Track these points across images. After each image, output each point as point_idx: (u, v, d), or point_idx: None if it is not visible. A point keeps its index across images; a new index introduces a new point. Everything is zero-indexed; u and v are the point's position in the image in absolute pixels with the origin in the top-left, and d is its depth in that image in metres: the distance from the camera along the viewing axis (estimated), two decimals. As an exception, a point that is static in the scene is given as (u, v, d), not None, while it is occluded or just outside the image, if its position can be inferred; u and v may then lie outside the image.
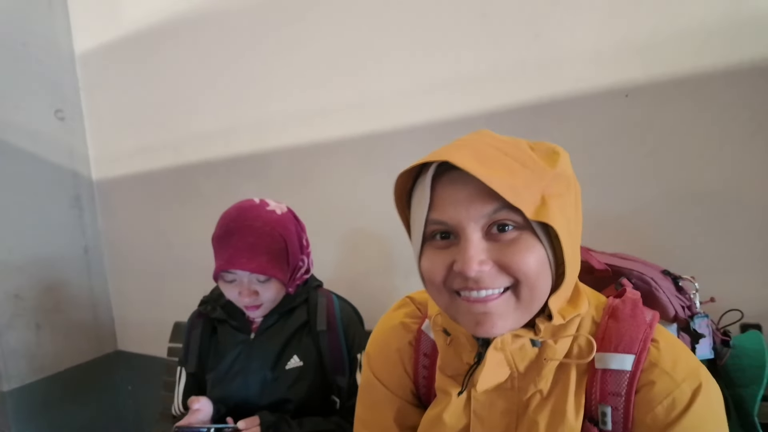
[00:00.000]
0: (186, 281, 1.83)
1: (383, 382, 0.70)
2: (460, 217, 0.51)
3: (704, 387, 0.53)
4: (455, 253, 0.52)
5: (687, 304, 0.71)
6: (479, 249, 0.50)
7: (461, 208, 0.51)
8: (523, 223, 0.50)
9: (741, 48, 0.91)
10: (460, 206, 0.51)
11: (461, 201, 0.51)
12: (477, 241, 0.50)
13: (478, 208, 0.50)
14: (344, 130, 1.42)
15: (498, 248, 0.51)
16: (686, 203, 0.98)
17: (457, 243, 0.52)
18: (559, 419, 0.55)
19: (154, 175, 1.87)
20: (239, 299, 0.96)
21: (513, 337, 0.54)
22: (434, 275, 0.54)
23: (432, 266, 0.54)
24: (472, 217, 0.50)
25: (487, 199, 0.50)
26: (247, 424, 0.89)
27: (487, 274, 0.50)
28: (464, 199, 0.51)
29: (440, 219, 0.52)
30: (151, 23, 1.78)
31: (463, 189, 0.51)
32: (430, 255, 0.54)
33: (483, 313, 0.51)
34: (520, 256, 0.50)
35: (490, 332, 0.52)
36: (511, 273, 0.50)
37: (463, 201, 0.51)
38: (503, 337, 0.54)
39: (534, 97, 1.14)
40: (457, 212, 0.51)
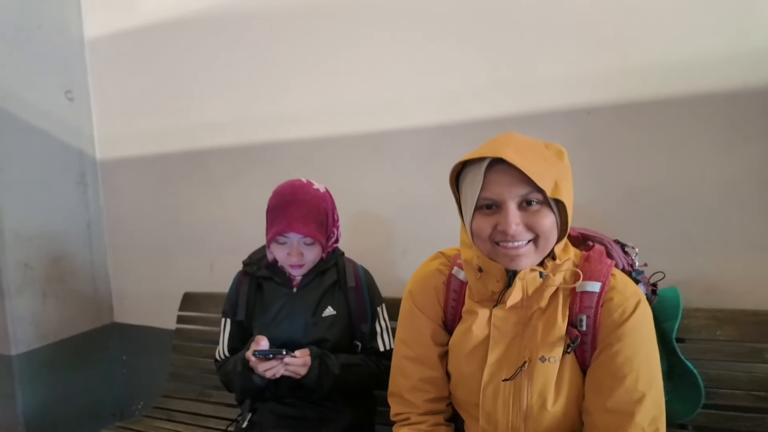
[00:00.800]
0: (194, 256, 2.00)
1: (422, 310, 0.97)
2: (504, 195, 0.78)
3: (642, 302, 0.84)
4: (498, 218, 0.79)
5: (630, 263, 1.03)
6: (516, 215, 0.78)
7: (504, 189, 0.78)
8: (543, 199, 0.79)
9: (673, 82, 1.25)
10: (504, 188, 0.78)
11: (505, 184, 0.78)
12: (514, 211, 0.78)
13: (516, 189, 0.78)
14: (353, 128, 1.66)
15: (527, 216, 0.79)
16: (629, 197, 1.31)
17: (500, 212, 0.80)
18: (551, 324, 0.84)
19: (164, 157, 2.02)
20: (287, 258, 1.19)
21: (530, 271, 0.83)
22: (483, 231, 0.81)
23: (482, 225, 0.81)
24: (512, 195, 0.78)
25: (522, 184, 0.77)
26: (302, 353, 1.13)
27: (519, 232, 0.78)
28: (507, 183, 0.78)
29: (490, 196, 0.80)
30: (169, 16, 1.93)
31: (505, 176, 0.78)
32: (479, 219, 0.82)
33: (516, 255, 0.80)
34: (541, 220, 0.79)
35: (519, 266, 0.81)
36: (534, 231, 0.79)
37: (506, 184, 0.78)
38: (525, 271, 0.82)
39: (514, 111, 1.44)
40: (501, 192, 0.78)
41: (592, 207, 1.33)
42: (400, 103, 1.57)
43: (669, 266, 1.13)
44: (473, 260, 0.87)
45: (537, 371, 0.84)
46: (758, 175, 1.18)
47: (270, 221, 1.19)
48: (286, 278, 1.27)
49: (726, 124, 1.20)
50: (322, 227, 1.19)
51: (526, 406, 0.86)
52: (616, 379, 0.81)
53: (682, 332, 1.18)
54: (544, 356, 0.84)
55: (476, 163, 0.81)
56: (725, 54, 1.19)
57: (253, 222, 1.73)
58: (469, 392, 0.92)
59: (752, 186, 1.19)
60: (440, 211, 1.49)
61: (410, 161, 1.58)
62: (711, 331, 1.18)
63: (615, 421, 0.80)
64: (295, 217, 1.14)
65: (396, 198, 1.62)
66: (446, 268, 0.98)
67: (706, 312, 1.19)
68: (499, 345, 0.88)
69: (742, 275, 1.22)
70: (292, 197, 1.16)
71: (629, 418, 0.79)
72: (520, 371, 0.85)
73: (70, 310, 2.04)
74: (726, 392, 1.15)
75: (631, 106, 1.29)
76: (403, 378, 0.99)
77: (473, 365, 0.90)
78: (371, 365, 1.22)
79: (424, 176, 1.56)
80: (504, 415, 0.87)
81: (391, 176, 1.62)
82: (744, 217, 1.20)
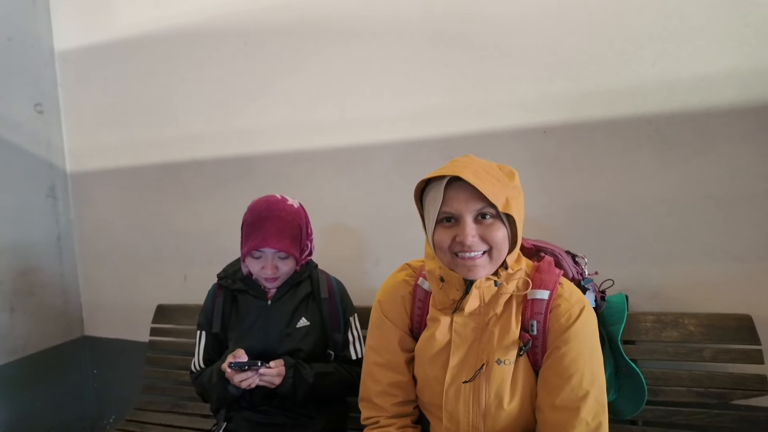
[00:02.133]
0: (167, 268, 2.02)
1: (390, 319, 1.04)
2: (462, 209, 0.87)
3: (586, 308, 0.93)
4: (457, 230, 0.88)
5: (580, 271, 1.12)
6: (472, 228, 0.87)
7: (462, 204, 0.87)
8: (496, 214, 0.88)
9: (619, 105, 1.36)
10: (462, 203, 0.87)
11: (462, 200, 0.87)
12: (470, 223, 0.87)
13: (472, 204, 0.87)
14: (326, 142, 1.72)
15: (482, 228, 0.88)
16: (582, 211, 1.41)
17: (458, 224, 0.88)
18: (506, 330, 0.92)
19: (138, 170, 2.03)
20: (261, 272, 1.24)
21: (486, 280, 0.91)
22: (443, 243, 0.90)
23: (442, 238, 0.90)
24: (469, 209, 0.87)
25: (477, 200, 0.86)
26: (277, 364, 1.18)
27: (475, 243, 0.87)
28: (464, 199, 0.87)
29: (449, 210, 0.88)
30: (144, 31, 1.96)
31: (463, 193, 0.87)
32: (440, 232, 0.90)
33: (472, 265, 0.88)
34: (494, 233, 0.88)
35: (476, 276, 0.89)
36: (488, 242, 0.88)
37: (464, 200, 0.87)
38: (480, 280, 0.91)
39: (476, 129, 1.53)
40: (459, 206, 0.87)
41: (547, 219, 1.43)
42: (370, 119, 1.65)
43: (618, 274, 1.24)
44: (436, 271, 0.95)
45: (494, 373, 0.92)
46: (696, 190, 1.30)
47: (245, 236, 1.24)
48: (260, 291, 1.31)
49: (666, 144, 1.32)
50: (296, 241, 1.24)
51: (484, 406, 0.93)
52: (563, 379, 0.89)
53: (630, 335, 1.29)
54: (500, 359, 0.92)
55: (437, 181, 0.90)
56: (665, 80, 1.31)
57: (228, 234, 1.77)
58: (433, 394, 0.99)
59: (691, 200, 1.31)
60: (410, 223, 1.56)
61: (381, 175, 1.65)
62: (656, 333, 1.28)
63: (563, 417, 0.88)
64: (270, 233, 1.19)
65: (367, 210, 1.69)
66: (412, 278, 1.05)
67: (652, 316, 1.30)
68: (460, 349, 0.95)
69: (684, 281, 1.33)
70: (267, 213, 1.21)
71: (575, 413, 0.87)
72: (478, 373, 0.93)
73: (39, 324, 2.02)
74: (670, 389, 1.25)
75: (582, 127, 1.40)
76: (372, 383, 1.05)
77: (437, 369, 0.98)
78: (344, 373, 1.28)
79: (394, 190, 1.64)
80: (465, 414, 0.95)
81: (363, 190, 1.69)
82: (685, 228, 1.32)
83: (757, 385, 1.19)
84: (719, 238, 1.29)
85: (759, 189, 1.25)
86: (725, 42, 1.26)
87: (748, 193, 1.26)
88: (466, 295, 0.92)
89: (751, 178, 1.25)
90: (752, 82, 1.24)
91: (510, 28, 1.46)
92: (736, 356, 1.22)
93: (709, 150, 1.28)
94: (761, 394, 1.19)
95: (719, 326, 1.23)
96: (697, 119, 1.29)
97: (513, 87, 1.47)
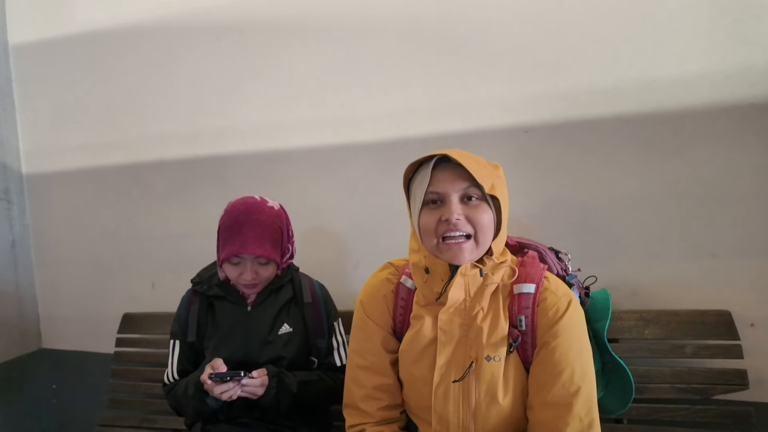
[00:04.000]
0: (134, 275, 1.91)
1: (373, 319, 1.01)
2: (448, 188, 0.87)
3: (573, 301, 0.92)
4: (443, 211, 0.87)
5: (564, 268, 1.11)
6: (458, 206, 0.87)
7: (448, 184, 0.87)
8: (481, 196, 0.88)
9: (598, 105, 1.37)
10: (448, 183, 0.87)
11: (449, 180, 0.87)
12: (456, 203, 0.87)
13: (458, 184, 0.87)
14: (304, 142, 1.67)
15: (467, 209, 0.88)
16: (563, 209, 1.42)
17: (444, 205, 0.88)
18: (495, 325, 0.91)
19: (101, 171, 1.92)
20: (240, 278, 1.17)
21: (471, 267, 0.89)
22: (429, 225, 0.88)
23: (428, 219, 0.89)
24: (455, 189, 0.87)
25: (464, 180, 0.87)
26: (259, 373, 1.11)
27: (461, 222, 0.86)
28: (450, 179, 0.87)
29: (436, 190, 0.88)
30: (108, 26, 1.86)
31: (450, 173, 0.88)
32: (426, 213, 0.89)
33: (458, 249, 0.87)
34: (480, 214, 0.87)
35: (461, 260, 0.88)
36: (473, 223, 0.87)
37: (450, 180, 0.87)
38: (466, 267, 0.89)
39: (458, 129, 1.51)
40: (446, 186, 0.88)
41: (530, 218, 1.42)
42: (349, 119, 1.61)
43: (599, 272, 1.24)
44: (421, 262, 0.92)
45: (484, 370, 0.90)
46: (675, 189, 1.32)
47: (222, 241, 1.17)
48: (239, 296, 1.25)
49: (644, 143, 1.33)
50: (277, 245, 1.19)
51: (474, 405, 0.91)
52: (553, 375, 0.87)
53: (613, 333, 1.29)
54: (490, 355, 0.90)
55: (425, 165, 0.90)
56: (641, 81, 1.32)
57: (200, 238, 1.70)
58: (420, 396, 0.95)
59: (670, 199, 1.32)
60: (391, 224, 1.54)
61: (361, 176, 1.61)
62: (639, 330, 1.29)
63: (555, 414, 0.86)
64: (250, 238, 1.13)
65: (347, 212, 1.64)
66: (395, 277, 1.03)
67: (634, 313, 1.31)
68: (447, 347, 0.92)
69: (665, 279, 1.35)
70: (246, 216, 1.15)
71: (568, 409, 0.85)
72: (468, 371, 0.90)
73: (-9, 337, 1.88)
74: (654, 386, 1.26)
75: (562, 126, 1.40)
76: (357, 387, 1.01)
77: (423, 369, 0.94)
78: (328, 381, 1.22)
79: (375, 190, 1.60)
80: (455, 415, 0.92)
81: (342, 191, 1.64)
82: (664, 226, 1.33)
83: (737, 379, 1.21)
84: (696, 236, 1.31)
85: (733, 187, 1.28)
86: (698, 44, 1.29)
87: (723, 192, 1.28)
88: (450, 281, 0.90)
89: (725, 177, 1.28)
90: (724, 83, 1.28)
91: (490, 28, 1.45)
92: (717, 352, 1.24)
93: (685, 149, 1.31)
94: (741, 388, 1.21)
95: (699, 322, 1.25)
96: (673, 119, 1.31)
97: (493, 87, 1.46)
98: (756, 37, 1.24)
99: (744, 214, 1.27)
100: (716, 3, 1.26)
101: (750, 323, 1.27)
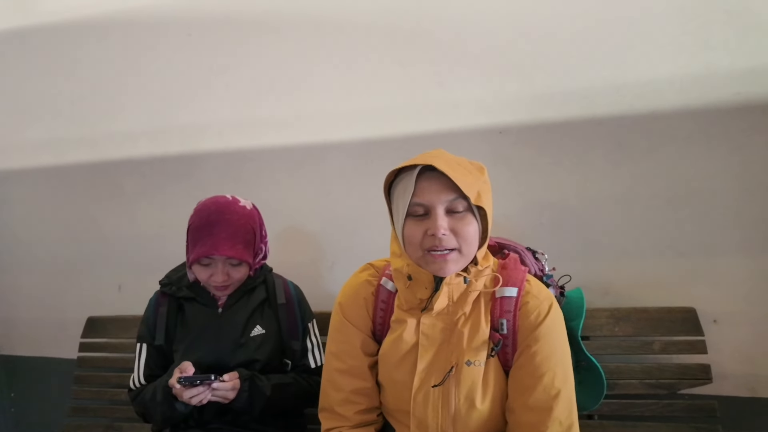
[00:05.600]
0: (99, 277, 1.84)
1: (352, 322, 0.99)
2: (433, 200, 0.84)
3: (554, 305, 0.92)
4: (428, 224, 0.84)
5: (541, 268, 1.12)
6: (444, 220, 0.84)
7: (434, 195, 0.84)
8: (467, 206, 0.85)
9: (572, 107, 1.39)
10: (433, 194, 0.84)
11: (434, 191, 0.84)
12: (442, 216, 0.84)
13: (444, 195, 0.84)
14: (278, 140, 1.64)
15: (453, 221, 0.85)
16: (538, 209, 1.43)
17: (429, 217, 0.85)
18: (476, 329, 0.90)
19: (64, 169, 1.85)
20: (210, 280, 1.14)
21: (456, 276, 0.88)
22: (414, 237, 0.85)
23: (413, 232, 0.86)
24: (441, 200, 0.84)
25: (449, 191, 0.83)
26: (230, 377, 1.08)
27: (447, 237, 0.83)
28: (436, 190, 0.84)
29: (420, 202, 0.85)
30: (73, 17, 1.79)
31: (436, 183, 0.84)
32: (411, 226, 0.86)
33: (443, 262, 0.85)
34: (466, 227, 0.85)
35: (447, 273, 0.86)
36: (458, 237, 0.84)
37: (435, 191, 0.84)
38: (451, 276, 0.87)
39: (434, 129, 1.51)
40: (431, 197, 0.84)
41: (506, 218, 1.43)
42: (324, 117, 1.59)
43: (573, 271, 1.26)
44: (403, 269, 0.91)
45: (464, 375, 0.89)
46: (644, 189, 1.35)
47: (192, 241, 1.13)
48: (210, 298, 1.21)
49: (616, 145, 1.36)
50: (250, 246, 1.16)
51: (454, 410, 0.90)
52: (535, 378, 0.88)
53: (586, 331, 1.31)
54: (470, 360, 0.89)
55: (408, 172, 0.87)
56: (613, 83, 1.35)
57: (168, 239, 1.65)
58: (399, 400, 0.94)
59: (642, 199, 1.35)
60: (367, 224, 1.52)
61: (335, 175, 1.59)
62: (610, 328, 1.32)
63: (536, 418, 0.87)
64: (221, 238, 1.10)
65: (322, 212, 1.62)
66: (375, 279, 1.01)
67: (605, 311, 1.33)
68: (428, 352, 0.92)
69: (635, 277, 1.37)
70: (217, 216, 1.12)
71: (548, 413, 0.86)
72: (448, 376, 0.89)
73: (-57, 344, 1.77)
74: (624, 382, 1.29)
75: (537, 128, 1.41)
76: (334, 391, 0.99)
77: (404, 373, 0.93)
78: (303, 383, 1.20)
79: (351, 190, 1.58)
80: (434, 420, 0.91)
81: (318, 190, 1.62)
82: (635, 226, 1.36)
83: (701, 374, 1.25)
84: (666, 235, 1.34)
85: (700, 188, 1.31)
86: (666, 49, 1.32)
87: (690, 192, 1.32)
88: (436, 293, 0.89)
89: (692, 178, 1.32)
90: (690, 87, 1.31)
91: (465, 28, 1.46)
92: (683, 347, 1.27)
93: (655, 151, 1.34)
94: (705, 382, 1.25)
95: (667, 319, 1.29)
96: (644, 121, 1.34)
97: (469, 87, 1.47)
98: (720, 42, 1.28)
99: (709, 214, 1.31)
100: (683, 9, 1.30)
101: (713, 319, 1.31)
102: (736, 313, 1.31)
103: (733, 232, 1.30)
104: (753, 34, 1.27)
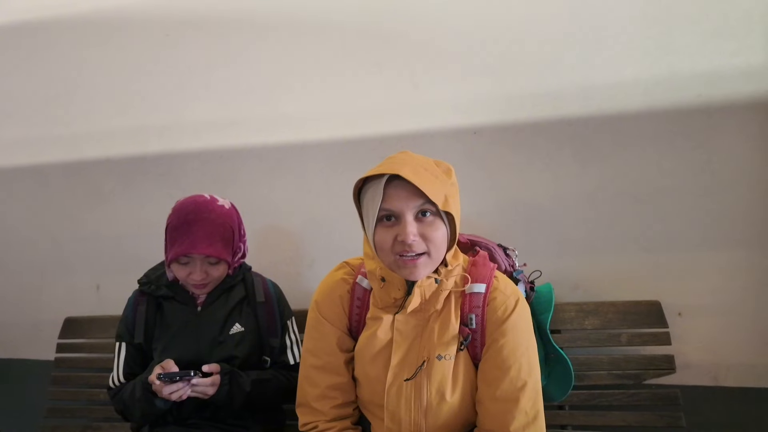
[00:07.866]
0: (77, 277, 1.83)
1: (328, 319, 1.01)
2: (402, 207, 0.86)
3: (521, 300, 0.96)
4: (398, 229, 0.87)
5: (512, 263, 1.16)
6: (413, 226, 0.86)
7: (402, 202, 0.86)
8: (435, 211, 0.88)
9: (543, 108, 1.43)
10: (402, 201, 0.86)
11: (403, 197, 0.86)
12: (411, 222, 0.86)
13: (412, 202, 0.86)
14: (255, 140, 1.66)
15: (422, 226, 0.87)
16: (510, 207, 1.48)
17: (399, 223, 0.87)
18: (446, 325, 0.93)
19: (40, 168, 1.83)
20: (189, 278, 1.15)
21: (427, 278, 0.91)
22: (385, 243, 0.88)
23: (383, 238, 0.88)
24: (409, 207, 0.86)
25: (417, 197, 0.85)
26: (211, 369, 1.10)
27: (417, 242, 0.86)
28: (404, 197, 0.86)
29: (389, 208, 0.87)
30: (48, 15, 1.78)
31: (403, 190, 0.86)
32: (381, 231, 0.89)
33: (414, 266, 0.88)
34: (434, 232, 0.87)
35: (417, 277, 0.89)
36: (427, 242, 0.87)
37: (404, 198, 0.86)
38: (422, 279, 0.90)
39: (409, 129, 1.54)
40: (400, 204, 0.86)
41: (479, 216, 1.48)
42: (302, 117, 1.61)
43: (544, 267, 1.30)
44: (376, 271, 0.93)
45: (435, 369, 0.92)
46: (612, 187, 1.40)
47: (170, 240, 1.14)
48: (188, 297, 1.22)
49: (585, 144, 1.41)
50: (228, 245, 1.17)
51: (426, 403, 0.93)
52: (502, 371, 0.91)
53: (556, 324, 1.36)
54: (441, 354, 0.93)
55: (376, 179, 0.88)
56: (582, 85, 1.40)
57: (146, 239, 1.65)
58: (374, 394, 0.97)
59: (609, 196, 1.41)
60: (346, 222, 1.55)
61: (314, 174, 1.62)
62: (579, 321, 1.37)
63: (503, 408, 0.90)
64: (199, 237, 1.11)
65: (301, 210, 1.64)
66: (351, 277, 1.03)
67: (575, 305, 1.38)
68: (401, 347, 0.95)
69: (603, 272, 1.43)
70: (195, 215, 1.13)
71: (515, 404, 0.90)
72: (419, 370, 0.93)
73: None
74: (593, 373, 1.34)
75: (509, 128, 1.46)
76: (311, 387, 1.02)
77: (378, 368, 0.96)
78: (282, 379, 1.22)
79: (329, 189, 1.60)
80: (407, 413, 0.94)
81: (296, 189, 1.64)
82: (602, 223, 1.42)
83: (665, 364, 1.30)
84: (632, 231, 1.40)
85: (663, 185, 1.37)
86: (631, 51, 1.38)
87: (655, 189, 1.38)
88: (409, 296, 0.92)
89: (656, 176, 1.38)
90: (654, 89, 1.37)
91: (440, 30, 1.49)
92: (648, 339, 1.33)
93: (621, 150, 1.39)
94: (669, 372, 1.30)
95: (633, 312, 1.34)
96: (611, 122, 1.39)
97: (444, 88, 1.50)
98: (681, 47, 1.34)
99: (672, 210, 1.37)
100: (647, 14, 1.36)
101: (678, 312, 1.37)
102: (699, 306, 1.38)
103: (696, 228, 1.36)
104: (712, 38, 1.33)
